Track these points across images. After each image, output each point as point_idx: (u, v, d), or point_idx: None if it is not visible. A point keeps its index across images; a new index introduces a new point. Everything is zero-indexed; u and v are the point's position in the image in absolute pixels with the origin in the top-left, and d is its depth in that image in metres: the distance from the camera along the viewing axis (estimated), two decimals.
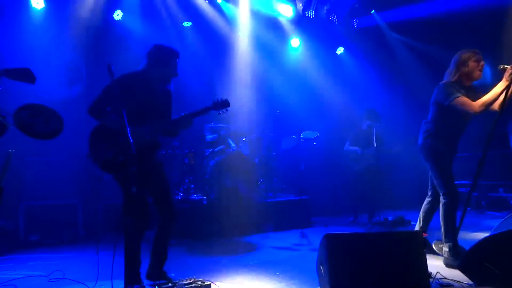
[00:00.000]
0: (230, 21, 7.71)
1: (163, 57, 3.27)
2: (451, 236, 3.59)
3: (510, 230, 2.97)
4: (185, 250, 4.63)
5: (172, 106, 3.45)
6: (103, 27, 6.55)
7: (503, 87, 3.31)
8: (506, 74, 3.30)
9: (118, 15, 6.70)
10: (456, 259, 3.45)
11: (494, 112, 3.44)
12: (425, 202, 4.07)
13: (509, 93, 3.23)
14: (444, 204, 3.66)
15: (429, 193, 4.04)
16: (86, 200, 5.46)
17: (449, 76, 3.71)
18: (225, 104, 3.43)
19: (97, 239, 4.61)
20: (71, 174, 5.47)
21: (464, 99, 3.51)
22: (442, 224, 3.68)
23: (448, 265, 3.53)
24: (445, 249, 3.62)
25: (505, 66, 3.31)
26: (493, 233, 3.17)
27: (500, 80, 3.36)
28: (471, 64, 3.61)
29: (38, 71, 3.33)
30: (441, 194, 3.71)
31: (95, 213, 5.51)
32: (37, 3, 5.91)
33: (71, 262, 4.10)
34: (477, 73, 3.62)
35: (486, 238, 3.03)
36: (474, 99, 3.51)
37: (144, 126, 3.11)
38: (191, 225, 5.32)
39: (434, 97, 3.75)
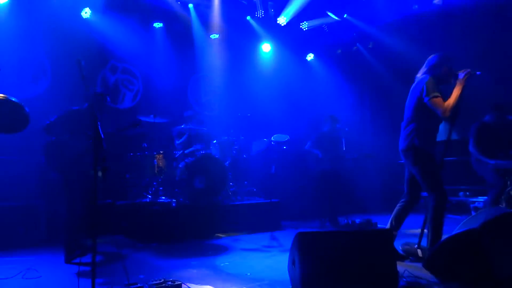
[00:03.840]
0: (202, 23, 7.70)
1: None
2: (438, 239, 3.54)
3: (469, 230, 3.10)
4: (153, 253, 4.53)
5: None
6: (70, 24, 6.36)
7: (458, 91, 3.51)
8: (460, 79, 3.52)
9: (86, 12, 6.54)
10: None
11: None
12: (399, 205, 4.01)
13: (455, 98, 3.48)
14: (434, 207, 3.61)
15: (405, 197, 3.99)
16: (49, 202, 5.24)
17: (426, 74, 3.72)
18: (136, 123, 4.49)
19: (61, 243, 4.41)
20: (32, 174, 5.25)
21: (440, 99, 3.54)
22: (430, 227, 3.63)
23: None
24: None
25: (458, 72, 3.55)
26: (455, 232, 3.29)
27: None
28: (446, 66, 3.70)
29: None
30: (431, 196, 3.65)
31: (60, 215, 5.30)
32: None
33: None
34: (450, 78, 3.69)
35: (448, 237, 3.15)
36: None
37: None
38: (159, 228, 5.22)
39: (416, 93, 3.71)
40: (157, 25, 7.45)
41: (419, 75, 3.83)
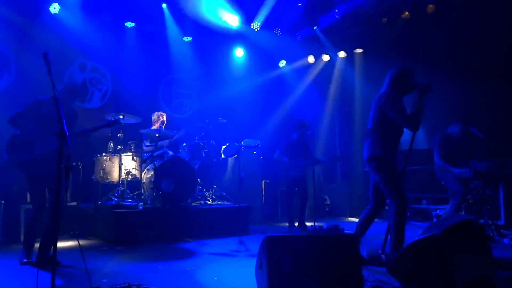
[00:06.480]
0: (176, 25, 7.64)
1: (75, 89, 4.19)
2: (401, 244, 3.63)
3: (430, 235, 3.20)
4: (118, 257, 4.40)
5: (75, 123, 4.14)
6: (37, 18, 6.17)
7: (421, 102, 3.63)
8: (422, 91, 3.65)
9: (55, 8, 6.36)
10: None
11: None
12: (364, 211, 4.09)
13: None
14: (395, 212, 3.69)
15: (370, 204, 4.07)
16: (6, 204, 5.01)
17: (390, 88, 3.85)
18: (116, 122, 4.06)
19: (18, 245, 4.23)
20: None
21: (404, 111, 3.66)
22: (392, 232, 3.70)
23: None
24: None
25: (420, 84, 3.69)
26: (417, 238, 3.39)
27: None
28: (408, 79, 3.83)
29: None
30: (392, 202, 3.74)
31: (17, 217, 5.08)
32: None
33: None
34: (412, 90, 3.82)
35: (411, 243, 3.23)
36: None
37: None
38: (125, 231, 5.09)
39: (380, 105, 3.81)
40: (129, 24, 7.33)
41: (383, 87, 3.94)
